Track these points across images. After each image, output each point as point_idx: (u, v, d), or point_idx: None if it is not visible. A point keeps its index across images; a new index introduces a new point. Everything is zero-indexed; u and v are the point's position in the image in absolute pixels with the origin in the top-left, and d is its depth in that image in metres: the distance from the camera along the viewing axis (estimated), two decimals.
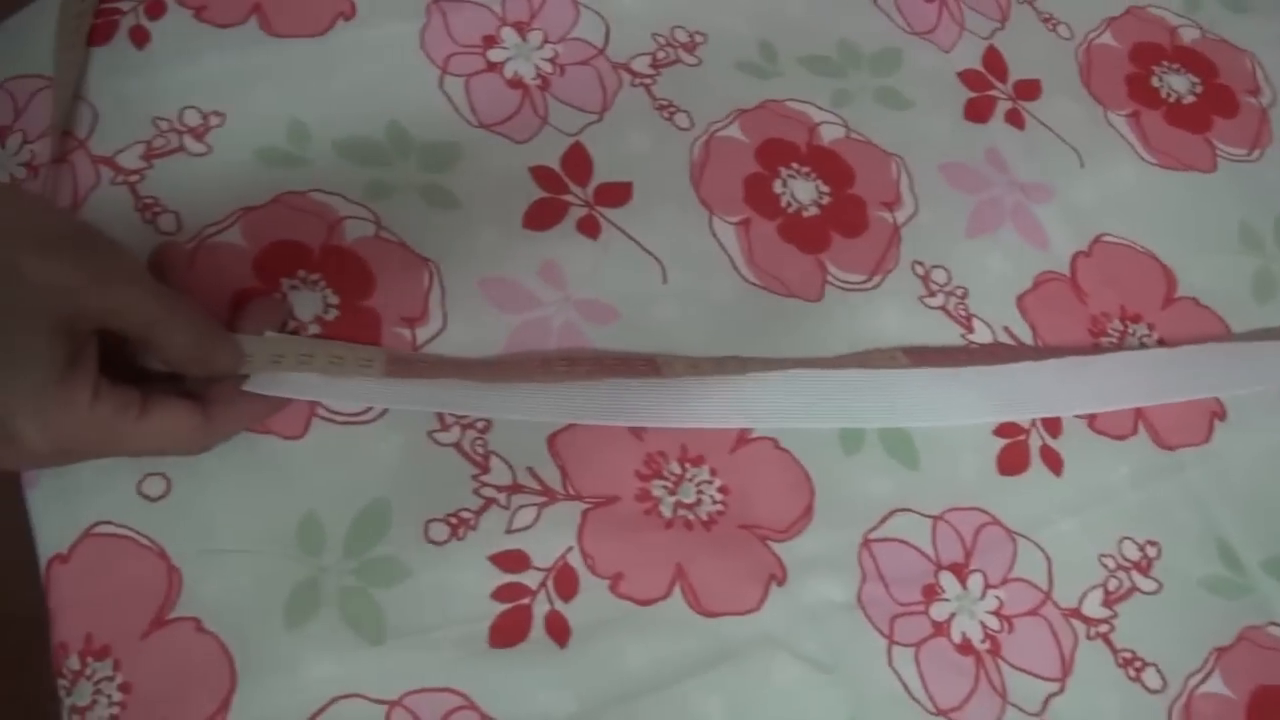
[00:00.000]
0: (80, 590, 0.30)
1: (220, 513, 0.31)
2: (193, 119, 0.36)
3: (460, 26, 0.39)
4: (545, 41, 0.40)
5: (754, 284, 0.37)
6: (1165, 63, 0.45)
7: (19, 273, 0.26)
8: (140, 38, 0.37)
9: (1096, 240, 0.40)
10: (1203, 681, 0.34)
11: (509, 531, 0.32)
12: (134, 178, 0.35)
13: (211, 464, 0.31)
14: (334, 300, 0.34)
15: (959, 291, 0.39)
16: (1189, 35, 0.46)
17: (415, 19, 0.39)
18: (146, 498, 0.31)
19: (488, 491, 0.33)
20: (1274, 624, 0.35)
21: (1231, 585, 0.35)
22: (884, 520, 0.35)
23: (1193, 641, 0.35)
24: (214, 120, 0.36)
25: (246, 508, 0.31)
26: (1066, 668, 0.34)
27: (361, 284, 0.34)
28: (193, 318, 0.29)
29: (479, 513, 0.32)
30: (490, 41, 0.39)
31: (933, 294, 0.38)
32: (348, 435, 0.33)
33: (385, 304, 0.34)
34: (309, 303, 0.34)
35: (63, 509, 0.31)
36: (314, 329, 0.33)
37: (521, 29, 0.40)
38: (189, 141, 0.35)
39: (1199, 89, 0.45)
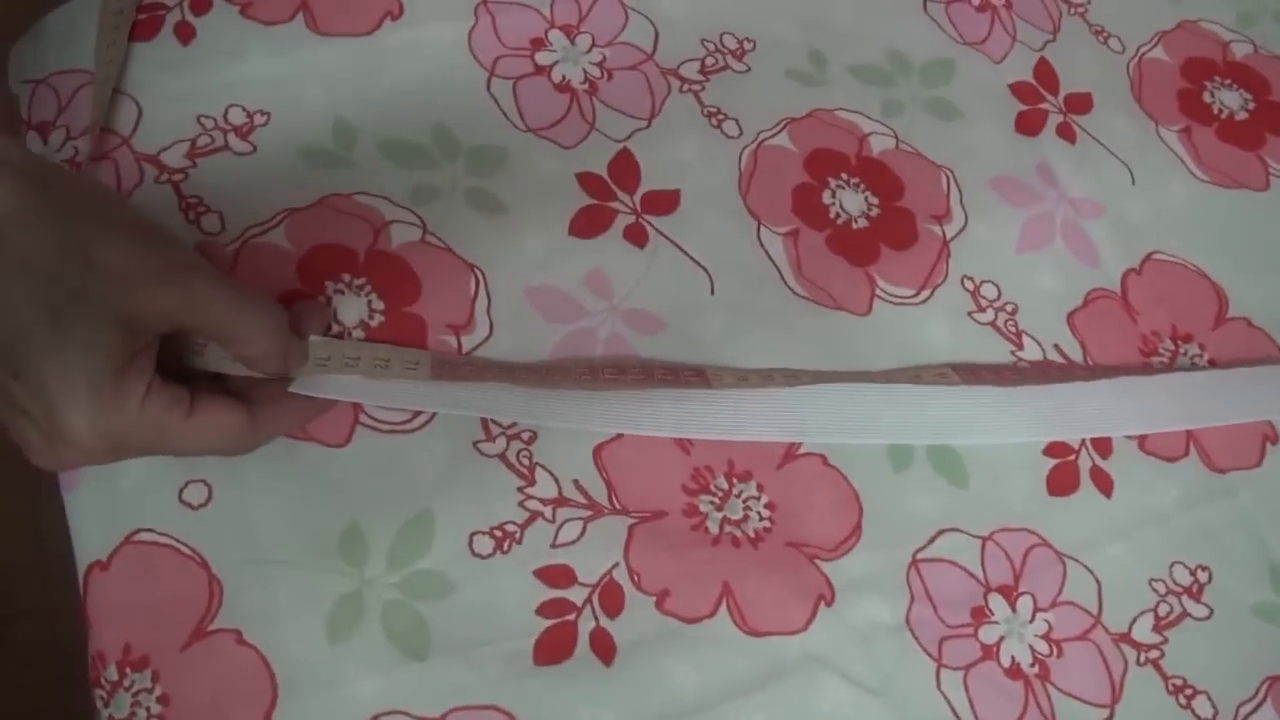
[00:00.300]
0: (119, 599, 0.29)
1: (262, 522, 0.30)
2: (237, 117, 0.35)
3: (508, 28, 0.38)
4: (594, 45, 0.39)
5: (802, 296, 0.37)
6: (1217, 78, 0.44)
7: (88, 259, 0.25)
8: (185, 34, 0.36)
9: (1147, 258, 0.40)
10: (1254, 710, 0.33)
11: (554, 546, 0.32)
12: (178, 176, 0.34)
13: (253, 472, 0.31)
14: (379, 306, 0.33)
15: (1009, 308, 0.38)
16: (1241, 50, 0.45)
17: (463, 20, 0.38)
18: (188, 506, 0.30)
19: (533, 504, 0.32)
20: None
21: None
22: (932, 540, 0.34)
23: (1244, 669, 0.34)
24: (259, 119, 0.35)
25: (289, 517, 0.30)
26: (1116, 695, 0.33)
27: (407, 289, 0.34)
28: (275, 312, 0.29)
29: (524, 526, 0.32)
30: (538, 44, 0.38)
31: (982, 309, 0.38)
32: (392, 444, 0.32)
33: (431, 310, 0.34)
34: (353, 308, 0.33)
35: (103, 515, 0.30)
36: (358, 334, 0.33)
37: (570, 32, 0.39)
38: (234, 140, 0.35)
39: (1251, 105, 0.44)
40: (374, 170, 0.35)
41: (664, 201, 0.37)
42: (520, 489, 0.32)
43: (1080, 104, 0.42)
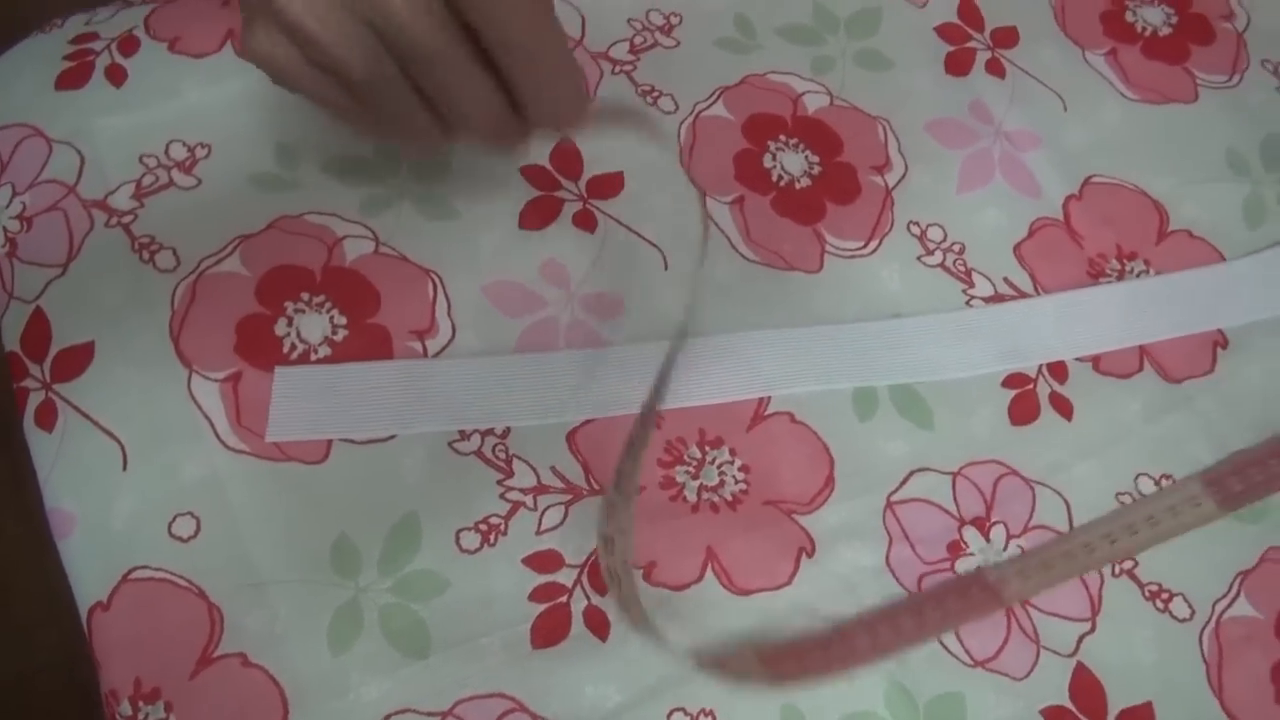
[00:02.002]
0: (124, 636, 0.30)
1: (253, 546, 0.31)
2: (179, 153, 0.36)
3: None
4: None
5: (754, 261, 0.37)
6: None
7: None
8: (117, 76, 0.36)
9: (1086, 182, 0.41)
10: (1230, 606, 0.35)
11: (539, 533, 0.33)
12: (128, 218, 0.35)
13: (238, 498, 0.32)
14: (341, 321, 0.34)
15: (956, 248, 0.39)
16: None
17: None
18: (179, 539, 0.31)
19: (514, 495, 0.33)
20: None
21: (1251, 510, 0.36)
22: (904, 482, 0.35)
23: (1217, 568, 0.35)
24: (200, 152, 0.36)
25: (278, 538, 0.31)
26: (1095, 607, 0.34)
27: (367, 302, 0.35)
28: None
29: (507, 517, 0.33)
30: None
31: (931, 253, 0.39)
32: (370, 455, 0.33)
33: (393, 319, 0.35)
34: (316, 325, 0.34)
35: (98, 558, 0.31)
36: (324, 350, 0.34)
37: None
38: (178, 176, 0.35)
39: (1174, 20, 0.45)
40: (321, 189, 0.36)
41: (609, 185, 0.38)
42: (500, 482, 0.33)
43: (1007, 38, 0.43)
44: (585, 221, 0.37)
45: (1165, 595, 0.35)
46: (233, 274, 0.34)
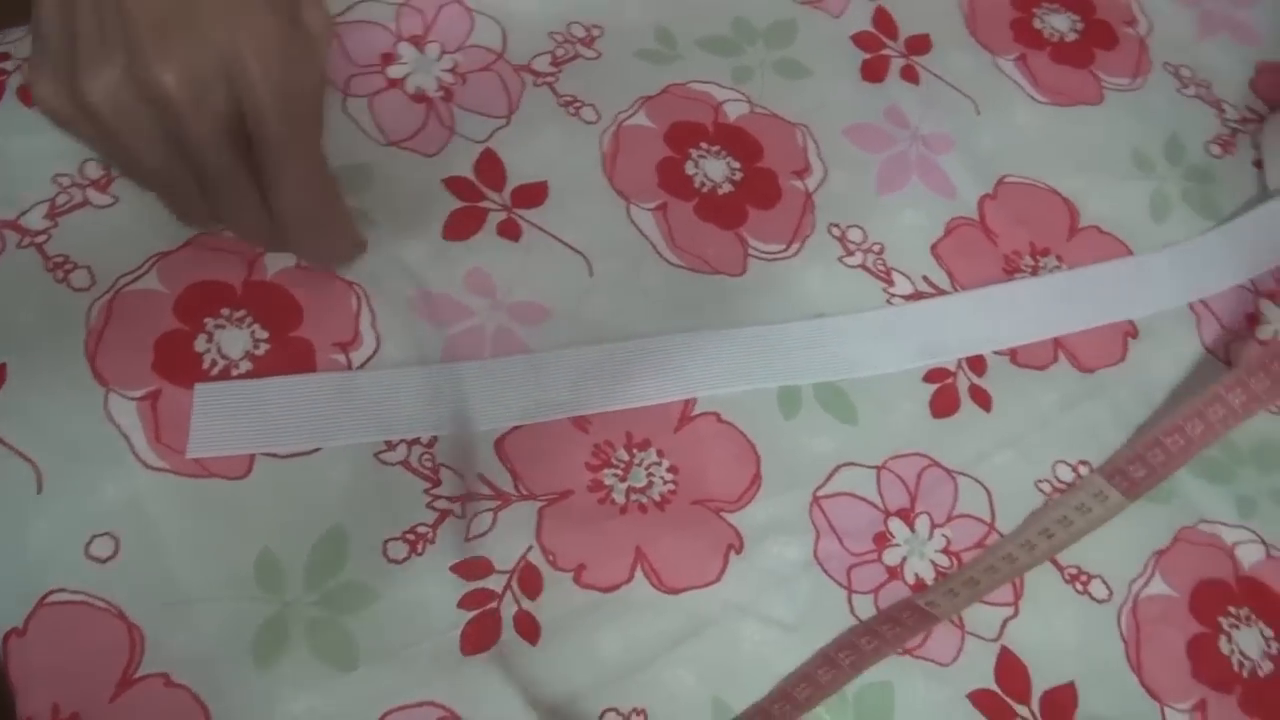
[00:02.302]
0: (41, 662, 0.29)
1: (174, 564, 0.31)
2: (94, 171, 0.35)
3: (356, 47, 0.39)
4: (444, 52, 0.40)
5: (679, 265, 0.38)
6: (1045, 4, 0.47)
7: None
8: (29, 96, 0.36)
9: (1000, 182, 0.42)
10: (1146, 585, 0.36)
11: (468, 540, 0.33)
12: (40, 238, 0.34)
13: (158, 517, 0.31)
14: (263, 335, 0.34)
15: (876, 248, 0.40)
16: None
17: None
18: (96, 560, 0.30)
19: (441, 504, 0.33)
20: (1204, 521, 0.37)
21: (1162, 492, 0.37)
22: (830, 477, 0.36)
23: (1133, 549, 0.36)
24: (115, 170, 0.35)
25: (200, 555, 0.31)
26: (1018, 592, 0.35)
27: (289, 315, 0.34)
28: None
29: (435, 526, 0.33)
30: (388, 59, 0.39)
31: (851, 254, 0.40)
32: (294, 468, 0.33)
33: (316, 332, 0.34)
34: (238, 340, 0.34)
35: (13, 582, 0.30)
36: (246, 365, 0.33)
37: (418, 42, 0.40)
38: (93, 194, 0.35)
39: (1080, 26, 0.47)
40: None
41: (533, 194, 0.38)
42: (427, 491, 0.33)
43: (920, 45, 0.44)
44: (510, 231, 0.37)
45: (1084, 578, 0.36)
46: (150, 291, 0.34)
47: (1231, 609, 0.36)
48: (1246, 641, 0.36)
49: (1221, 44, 0.47)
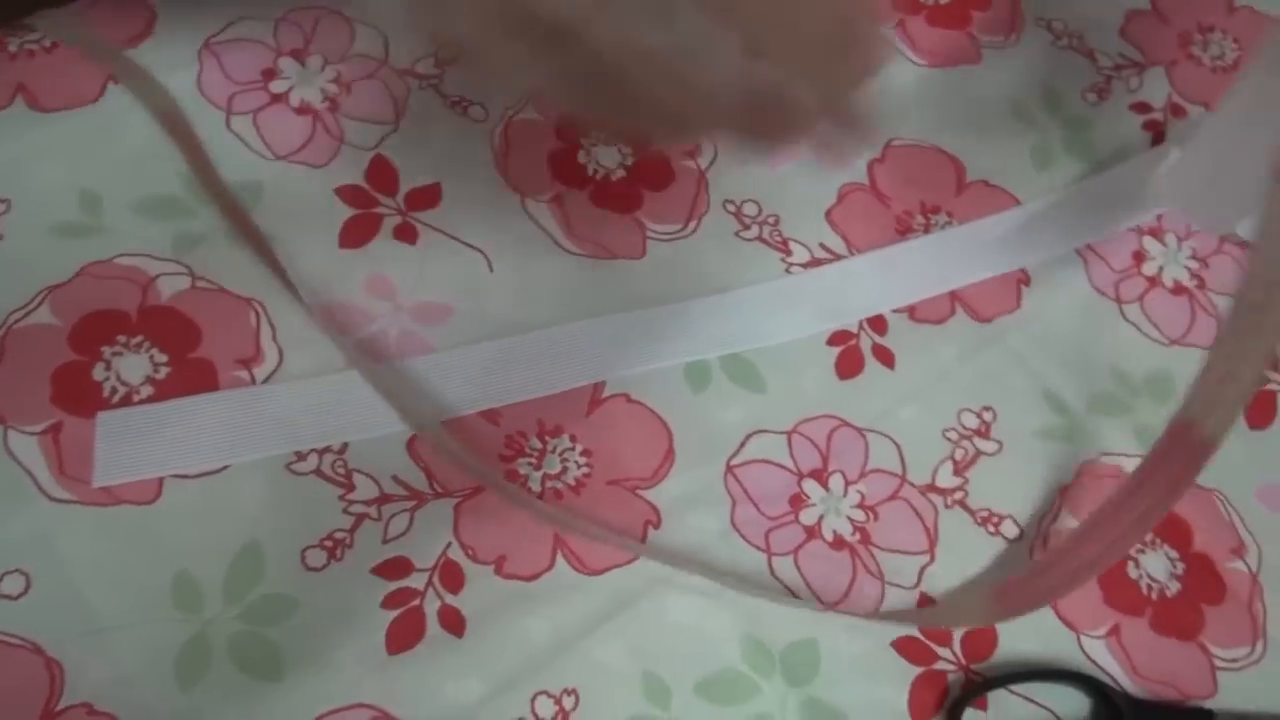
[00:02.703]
0: None
1: (89, 594, 0.31)
2: None
3: (236, 65, 0.39)
4: (326, 64, 0.40)
5: (578, 254, 0.38)
6: None
7: None
8: None
9: (888, 146, 0.43)
10: (1054, 520, 0.37)
11: (385, 541, 0.33)
12: None
13: (68, 548, 0.31)
14: (162, 359, 0.34)
15: (772, 220, 0.41)
16: None
17: (189, 67, 0.38)
18: (8, 597, 0.30)
19: (357, 508, 0.33)
20: (1105, 454, 0.38)
21: (1064, 429, 0.38)
22: (742, 445, 0.36)
23: (1039, 487, 0.38)
24: None
25: (114, 582, 0.31)
26: (933, 539, 0.36)
27: (187, 337, 0.34)
28: None
29: (352, 530, 0.33)
30: (270, 74, 0.39)
31: (748, 227, 0.40)
32: (204, 488, 0.33)
33: (216, 351, 0.34)
34: (137, 366, 0.34)
35: None
36: (147, 390, 0.33)
37: (299, 56, 0.40)
38: None
39: None
40: (130, 231, 0.36)
41: (427, 196, 0.38)
42: (342, 497, 0.33)
43: None
44: (406, 234, 0.38)
45: (995, 519, 0.37)
46: (43, 325, 0.33)
47: None
48: (1154, 565, 0.37)
49: None
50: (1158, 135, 0.45)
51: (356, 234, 0.37)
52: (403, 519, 0.33)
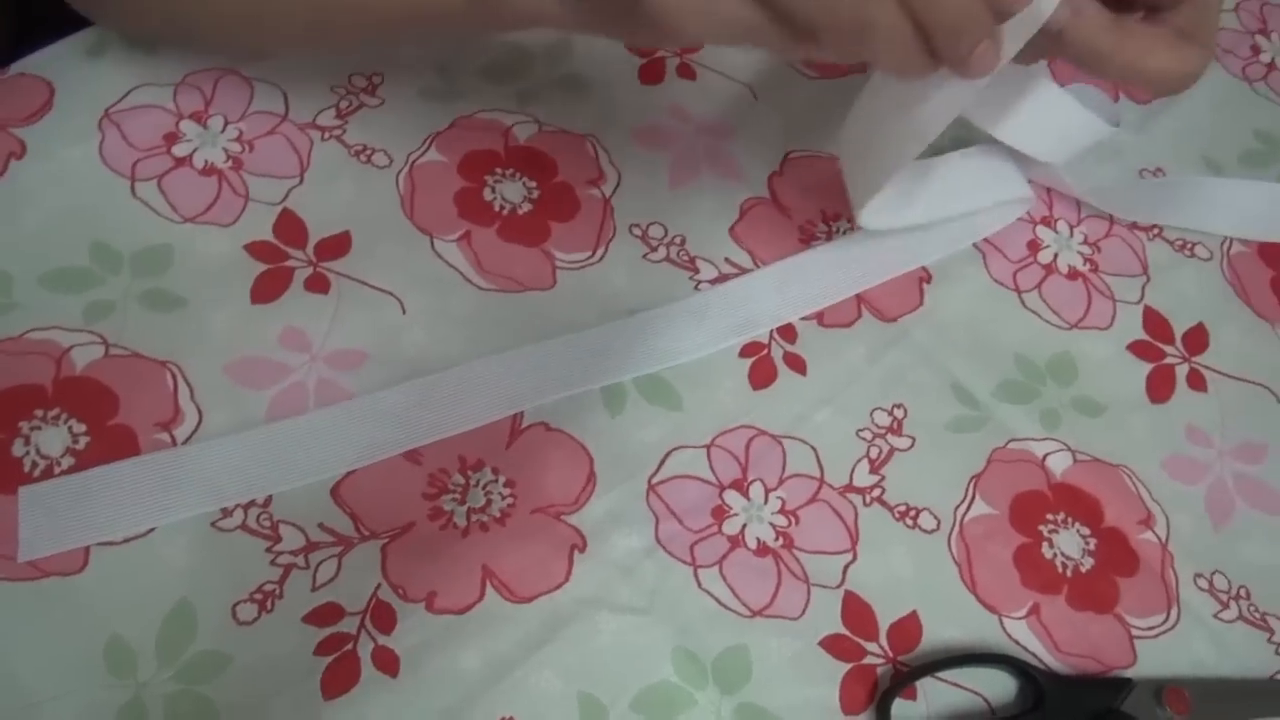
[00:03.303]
0: None
1: (19, 668, 0.31)
2: None
3: (137, 132, 0.40)
4: (227, 123, 0.40)
5: (489, 289, 0.39)
6: None
7: None
8: None
9: (785, 159, 0.44)
10: (969, 509, 0.38)
11: (315, 589, 0.33)
12: None
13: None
14: (80, 429, 0.34)
15: (678, 240, 0.42)
16: None
17: (90, 139, 0.39)
18: None
19: (284, 559, 0.34)
20: (1013, 440, 0.40)
21: (972, 419, 0.40)
22: (662, 463, 0.37)
23: (952, 478, 0.39)
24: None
25: (45, 655, 0.31)
26: (854, 537, 0.37)
27: (105, 405, 0.35)
28: None
29: (281, 581, 0.33)
30: (172, 138, 0.40)
31: (655, 249, 0.41)
32: (131, 552, 0.33)
33: (135, 416, 0.35)
34: (55, 438, 0.34)
35: None
36: (68, 461, 0.34)
37: (200, 118, 0.40)
38: None
39: None
40: (40, 306, 0.36)
41: (337, 245, 0.39)
42: (269, 549, 0.34)
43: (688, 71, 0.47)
44: (318, 284, 0.38)
45: (913, 512, 0.38)
46: None
47: (1049, 516, 0.39)
48: (1066, 543, 0.38)
49: None
50: None
51: (268, 289, 0.38)
52: (331, 565, 0.34)
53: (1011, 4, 0.28)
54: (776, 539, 0.37)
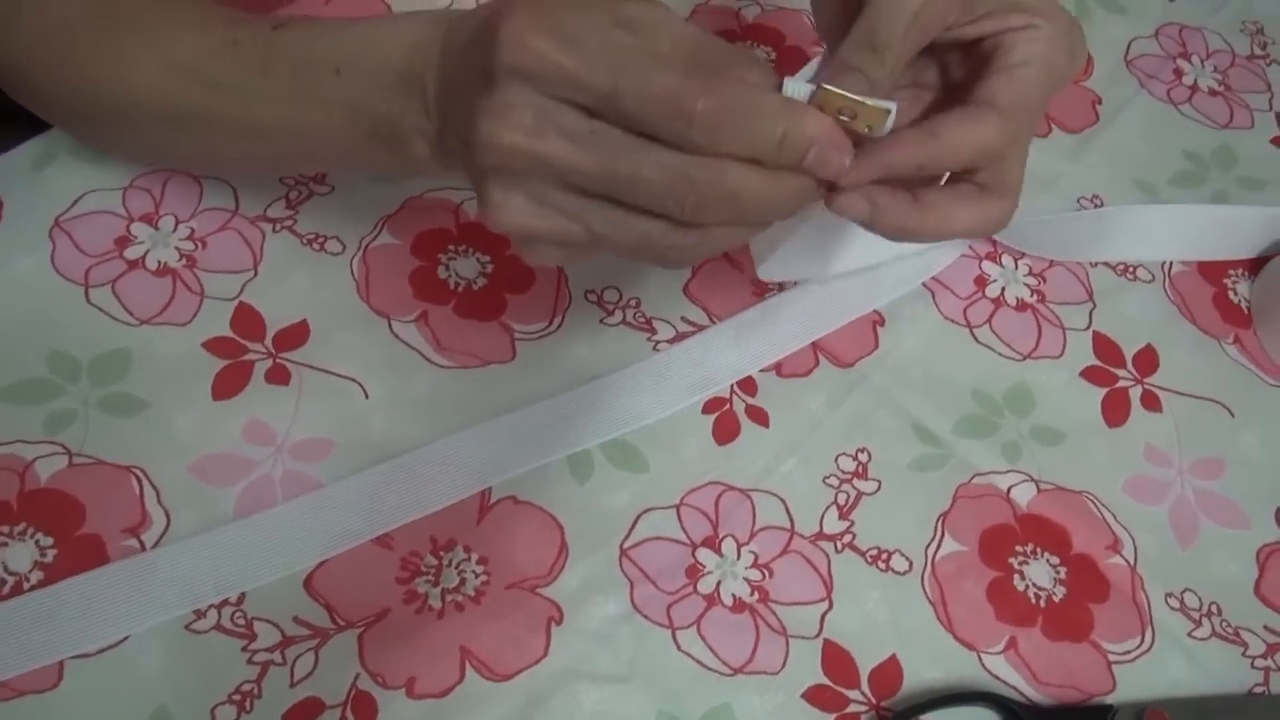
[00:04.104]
0: None
1: None
2: None
3: (88, 239, 0.40)
4: (178, 222, 0.41)
5: (450, 366, 0.40)
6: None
7: None
8: None
9: None
10: (939, 547, 0.39)
11: (294, 684, 0.33)
12: None
13: None
14: (47, 542, 0.34)
15: (633, 302, 0.42)
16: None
17: (41, 249, 0.39)
18: None
19: (261, 656, 0.34)
20: (977, 475, 0.40)
21: (935, 458, 0.40)
22: (633, 527, 0.38)
23: (921, 517, 0.39)
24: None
25: None
26: (828, 585, 0.38)
27: (71, 516, 0.35)
28: None
29: (259, 680, 0.33)
30: (123, 242, 0.40)
31: (611, 313, 0.42)
32: (105, 663, 0.33)
33: (102, 525, 0.35)
34: (23, 554, 0.34)
35: None
36: (37, 576, 0.34)
37: (151, 220, 0.41)
38: None
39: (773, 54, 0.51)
40: (1, 420, 0.36)
41: (295, 335, 0.39)
42: (245, 648, 0.34)
43: None
44: (279, 376, 0.38)
45: (885, 555, 0.39)
46: None
47: (1018, 548, 0.39)
48: (1037, 574, 0.39)
49: None
50: None
51: (229, 384, 0.38)
52: (308, 659, 0.34)
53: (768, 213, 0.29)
54: (752, 594, 0.37)
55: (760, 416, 0.41)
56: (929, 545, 0.39)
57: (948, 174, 0.31)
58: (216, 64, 0.34)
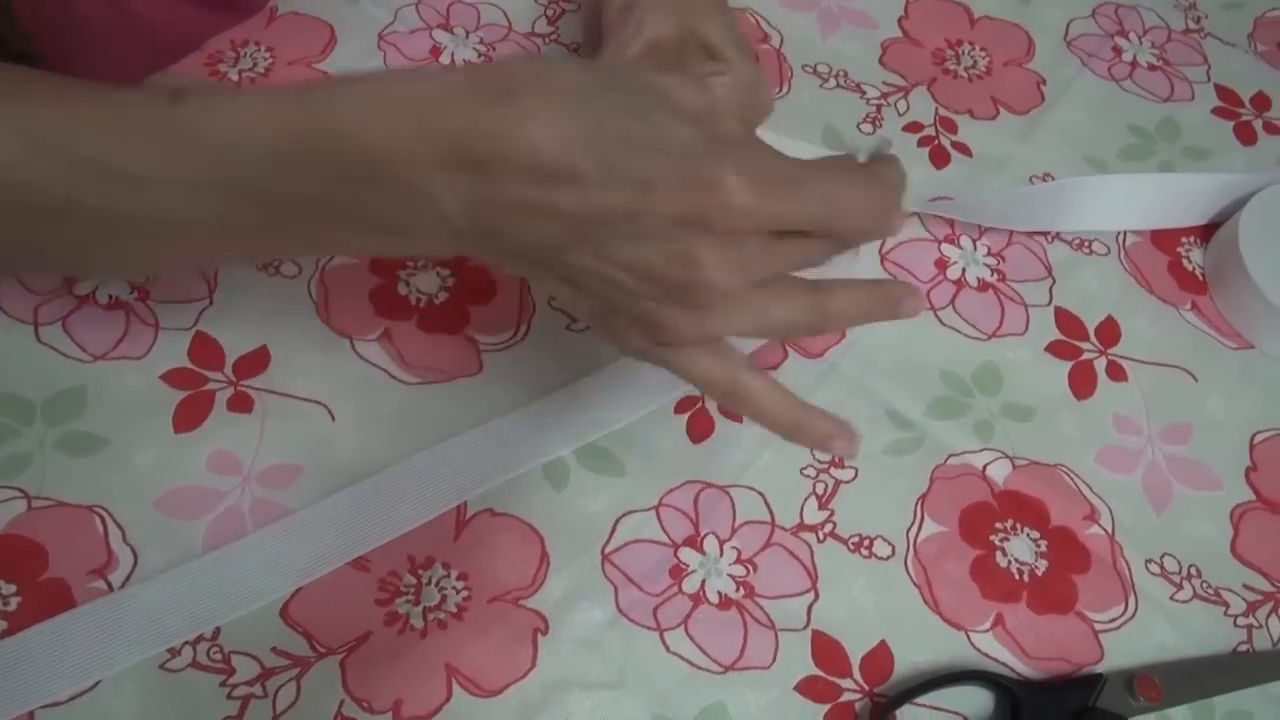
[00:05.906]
0: None
1: None
2: None
3: (34, 277, 0.39)
4: None
5: (416, 383, 0.39)
6: None
7: None
8: None
9: None
10: (920, 530, 0.39)
11: (276, 717, 0.32)
12: None
13: None
14: (10, 589, 0.33)
15: None
16: None
17: None
18: None
19: (241, 691, 0.33)
20: (952, 455, 0.40)
21: (909, 442, 0.41)
22: (613, 531, 0.37)
23: (899, 502, 0.39)
24: None
25: None
26: (813, 576, 0.38)
27: (34, 561, 0.34)
28: None
29: (240, 715, 0.32)
30: (71, 279, 0.39)
31: (575, 320, 0.42)
32: (78, 710, 0.32)
33: (66, 568, 0.34)
34: None
35: None
36: (1, 625, 0.32)
37: None
38: None
39: None
40: None
41: (255, 361, 0.39)
42: (224, 683, 0.33)
43: None
44: (241, 404, 0.38)
45: (867, 542, 0.38)
46: None
47: (998, 525, 0.39)
48: (1019, 549, 0.39)
49: (845, 34, 0.52)
50: (934, 150, 0.48)
51: (190, 416, 0.37)
52: (290, 689, 0.33)
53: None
54: (737, 590, 0.37)
55: (733, 413, 0.40)
56: (910, 529, 0.39)
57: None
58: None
